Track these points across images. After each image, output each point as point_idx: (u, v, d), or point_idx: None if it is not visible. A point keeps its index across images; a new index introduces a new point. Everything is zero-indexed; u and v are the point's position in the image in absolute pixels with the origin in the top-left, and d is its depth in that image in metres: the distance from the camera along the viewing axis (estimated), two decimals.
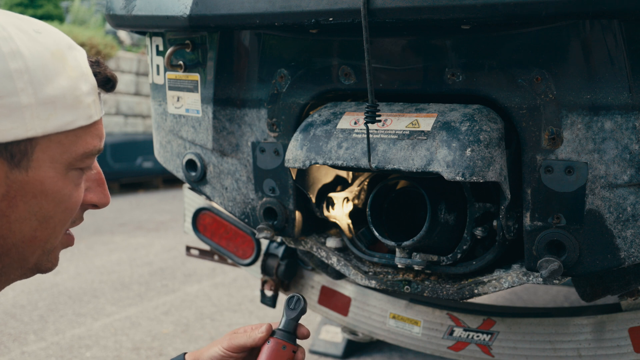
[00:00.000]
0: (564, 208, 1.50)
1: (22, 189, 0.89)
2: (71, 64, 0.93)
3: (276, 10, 1.59)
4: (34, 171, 0.89)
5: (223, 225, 2.48)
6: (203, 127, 1.92)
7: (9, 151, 0.86)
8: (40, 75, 0.88)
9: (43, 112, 0.88)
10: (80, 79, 0.94)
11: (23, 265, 0.97)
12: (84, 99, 0.94)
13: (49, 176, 0.91)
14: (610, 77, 1.41)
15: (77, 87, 0.93)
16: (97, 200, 1.04)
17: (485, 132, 1.48)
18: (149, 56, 2.05)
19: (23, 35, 0.89)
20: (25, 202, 0.90)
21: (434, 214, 1.60)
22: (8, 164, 0.87)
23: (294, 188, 1.82)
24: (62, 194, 0.94)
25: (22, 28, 0.90)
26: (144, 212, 7.41)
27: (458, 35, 1.55)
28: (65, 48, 0.94)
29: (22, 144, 0.87)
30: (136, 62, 10.27)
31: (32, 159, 0.89)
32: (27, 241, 0.94)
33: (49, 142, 0.90)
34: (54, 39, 0.93)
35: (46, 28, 0.94)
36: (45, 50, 0.90)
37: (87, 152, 0.95)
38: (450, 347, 2.12)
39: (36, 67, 0.88)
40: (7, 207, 0.89)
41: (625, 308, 1.91)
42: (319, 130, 1.64)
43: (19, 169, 0.88)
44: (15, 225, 0.91)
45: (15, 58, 0.86)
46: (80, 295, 4.24)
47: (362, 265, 1.84)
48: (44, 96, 0.88)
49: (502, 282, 1.64)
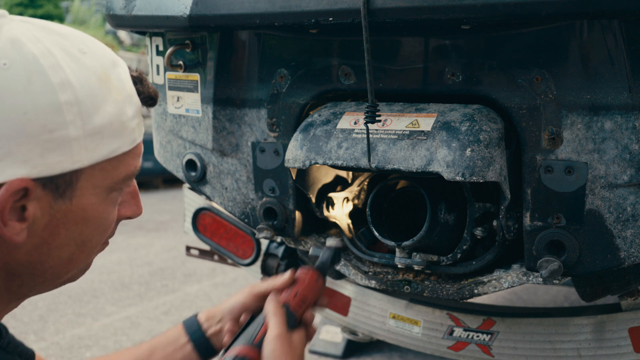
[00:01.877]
0: (564, 208, 1.50)
1: (64, 217, 0.88)
2: (116, 86, 0.91)
3: (276, 10, 1.59)
4: (77, 200, 0.88)
5: (223, 225, 2.48)
6: (203, 127, 1.92)
7: (54, 183, 0.85)
8: (89, 105, 0.86)
9: (90, 143, 0.86)
10: (126, 102, 0.92)
11: (56, 282, 0.97)
12: (129, 124, 0.92)
13: (91, 203, 0.90)
14: (610, 77, 1.41)
15: (123, 112, 0.91)
16: (132, 213, 1.04)
17: (485, 132, 1.48)
18: (149, 56, 2.05)
19: (70, 61, 0.86)
20: (67, 229, 0.89)
21: (434, 214, 1.60)
22: (52, 195, 0.85)
23: (294, 188, 1.82)
24: (102, 217, 0.93)
25: (67, 50, 0.86)
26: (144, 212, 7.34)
27: (458, 35, 1.55)
28: (109, 67, 0.91)
29: (68, 175, 0.86)
30: (136, 62, 10.28)
31: (76, 189, 0.87)
32: (64, 264, 0.94)
33: (93, 170, 0.89)
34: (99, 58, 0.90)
35: (90, 45, 0.91)
36: (92, 75, 0.87)
37: (128, 175, 0.95)
38: (450, 347, 2.12)
39: (85, 96, 0.85)
40: (49, 235, 0.88)
41: (625, 308, 1.91)
42: (318, 130, 1.64)
43: (63, 199, 0.87)
44: (55, 251, 0.90)
45: (65, 89, 0.83)
46: (80, 295, 4.24)
47: (362, 265, 1.84)
48: (92, 127, 0.86)
49: (502, 282, 1.64)
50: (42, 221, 0.86)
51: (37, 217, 0.85)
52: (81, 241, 0.92)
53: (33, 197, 0.84)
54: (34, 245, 0.88)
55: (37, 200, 0.85)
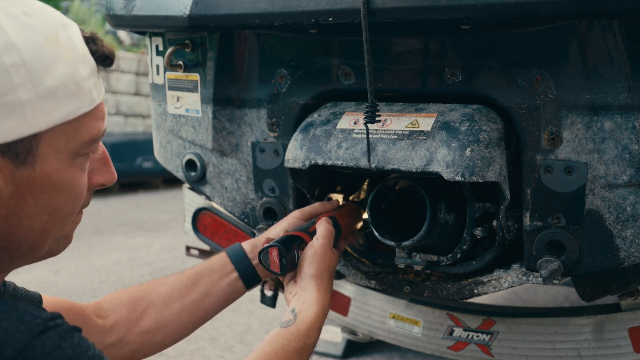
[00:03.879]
0: (563, 208, 1.50)
1: (29, 185, 0.87)
2: (67, 46, 0.88)
3: (276, 10, 1.59)
4: (40, 166, 0.86)
5: (223, 225, 2.49)
6: (203, 127, 1.92)
7: (13, 150, 0.83)
8: (37, 67, 0.83)
9: (45, 106, 0.84)
10: (79, 62, 0.90)
11: (34, 255, 0.95)
12: (85, 84, 0.90)
13: (56, 168, 0.88)
14: (610, 77, 1.41)
15: (76, 72, 0.88)
16: (104, 180, 1.02)
17: (485, 132, 1.48)
18: (148, 56, 2.05)
19: (14, 23, 0.83)
20: (34, 197, 0.88)
21: (433, 214, 1.60)
22: (13, 163, 0.84)
23: (294, 188, 1.82)
24: (70, 183, 0.91)
25: (10, 13, 0.84)
26: (144, 212, 7.41)
27: (458, 35, 1.55)
28: (58, 28, 0.88)
29: (26, 140, 0.84)
30: (136, 62, 10.27)
31: (37, 154, 0.86)
32: (37, 234, 0.92)
33: (53, 134, 0.86)
34: (46, 19, 0.88)
35: (35, 8, 0.88)
36: (38, 36, 0.85)
37: (92, 138, 0.92)
38: (450, 347, 2.12)
39: (32, 58, 0.83)
40: (16, 205, 0.87)
41: (625, 308, 1.91)
42: (318, 130, 1.64)
43: (25, 166, 0.85)
44: (26, 221, 0.89)
45: (10, 51, 0.81)
46: (80, 295, 4.23)
47: (361, 265, 1.84)
48: (44, 89, 0.84)
49: (501, 282, 1.64)
50: (6, 190, 0.85)
51: (0, 187, 0.84)
52: (52, 209, 0.91)
53: None
54: (2, 217, 0.86)
55: None
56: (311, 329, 1.28)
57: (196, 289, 1.44)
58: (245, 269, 1.49)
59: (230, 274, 1.48)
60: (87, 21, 12.08)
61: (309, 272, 1.38)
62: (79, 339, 0.85)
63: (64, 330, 0.84)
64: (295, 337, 1.24)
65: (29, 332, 0.80)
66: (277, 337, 1.23)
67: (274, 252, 1.38)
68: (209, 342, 3.44)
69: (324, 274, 1.39)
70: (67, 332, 0.84)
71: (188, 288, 1.43)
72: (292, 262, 1.40)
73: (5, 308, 0.82)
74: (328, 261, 1.41)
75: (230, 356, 3.30)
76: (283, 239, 1.42)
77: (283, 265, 1.38)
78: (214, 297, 1.46)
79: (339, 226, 1.56)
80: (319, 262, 1.39)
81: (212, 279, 1.46)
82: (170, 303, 1.41)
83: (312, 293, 1.34)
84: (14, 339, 0.79)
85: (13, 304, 0.83)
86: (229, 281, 1.47)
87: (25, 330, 0.80)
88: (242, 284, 1.49)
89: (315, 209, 1.60)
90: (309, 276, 1.37)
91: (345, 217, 1.61)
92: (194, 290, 1.43)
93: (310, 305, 1.32)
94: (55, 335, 0.82)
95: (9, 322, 0.80)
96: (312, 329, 1.28)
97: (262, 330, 3.62)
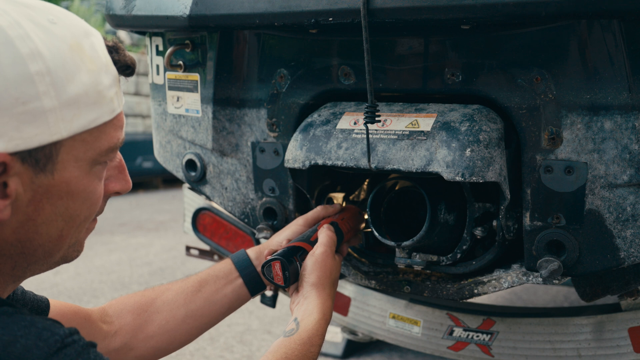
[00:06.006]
0: (563, 208, 1.50)
1: (47, 192, 0.87)
2: (90, 55, 0.89)
3: (276, 10, 1.59)
4: (59, 173, 0.87)
5: (223, 225, 2.48)
6: (203, 127, 1.92)
7: (33, 157, 0.84)
8: (61, 75, 0.84)
9: (67, 114, 0.85)
10: (101, 72, 0.91)
11: (49, 261, 0.96)
12: (107, 93, 0.91)
13: (74, 176, 0.89)
14: (610, 77, 1.41)
15: (98, 81, 0.89)
16: (120, 187, 1.02)
17: (485, 132, 1.48)
18: (148, 56, 2.05)
19: (39, 30, 0.84)
20: (52, 204, 0.88)
21: (433, 214, 1.60)
22: (33, 170, 0.85)
23: (294, 188, 1.82)
24: (87, 191, 0.92)
25: (36, 21, 0.85)
26: (144, 212, 7.41)
27: (458, 35, 1.55)
28: (81, 37, 0.89)
29: (47, 148, 0.85)
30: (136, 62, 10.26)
31: (57, 162, 0.86)
32: (53, 240, 0.92)
33: (73, 142, 0.87)
34: (70, 28, 0.89)
35: (60, 16, 0.89)
36: (63, 44, 0.86)
37: (111, 147, 0.93)
38: (450, 347, 2.12)
39: (57, 66, 0.84)
40: (34, 211, 0.87)
41: (625, 308, 1.91)
42: (318, 130, 1.64)
43: (44, 173, 0.86)
44: (42, 227, 0.90)
45: (35, 59, 0.82)
46: (80, 295, 4.24)
47: (361, 265, 1.84)
48: (67, 97, 0.85)
49: (501, 282, 1.64)
50: (25, 197, 0.85)
51: (19, 193, 0.85)
52: (68, 216, 0.91)
53: (13, 173, 0.83)
54: (20, 222, 0.87)
55: (18, 176, 0.84)
56: (314, 336, 1.28)
57: (201, 295, 1.45)
58: (250, 276, 1.49)
59: (235, 281, 1.49)
60: (86, 21, 12.08)
61: (310, 280, 1.39)
62: (95, 355, 0.87)
63: (81, 347, 0.85)
64: (298, 346, 1.24)
65: (47, 350, 0.81)
66: (281, 346, 1.24)
67: (277, 265, 1.39)
68: (208, 342, 3.44)
69: (325, 282, 1.39)
70: (83, 348, 0.85)
71: (193, 294, 1.44)
72: (295, 273, 1.41)
73: (24, 324, 0.82)
74: (329, 268, 1.42)
75: (230, 356, 3.30)
76: (285, 252, 1.43)
77: (287, 277, 1.39)
78: (218, 304, 1.46)
79: (341, 231, 1.56)
80: (320, 270, 1.40)
81: (216, 285, 1.47)
82: (175, 309, 1.42)
83: (313, 301, 1.35)
84: (32, 356, 0.79)
85: (32, 319, 0.84)
86: (233, 288, 1.48)
87: (44, 347, 0.81)
88: (247, 290, 1.50)
89: (318, 214, 1.61)
90: (310, 284, 1.38)
91: (347, 221, 1.62)
92: (199, 297, 1.44)
93: (311, 312, 1.32)
94: (73, 352, 0.83)
95: (27, 338, 0.81)
96: (314, 337, 1.28)
97: (262, 330, 3.62)
